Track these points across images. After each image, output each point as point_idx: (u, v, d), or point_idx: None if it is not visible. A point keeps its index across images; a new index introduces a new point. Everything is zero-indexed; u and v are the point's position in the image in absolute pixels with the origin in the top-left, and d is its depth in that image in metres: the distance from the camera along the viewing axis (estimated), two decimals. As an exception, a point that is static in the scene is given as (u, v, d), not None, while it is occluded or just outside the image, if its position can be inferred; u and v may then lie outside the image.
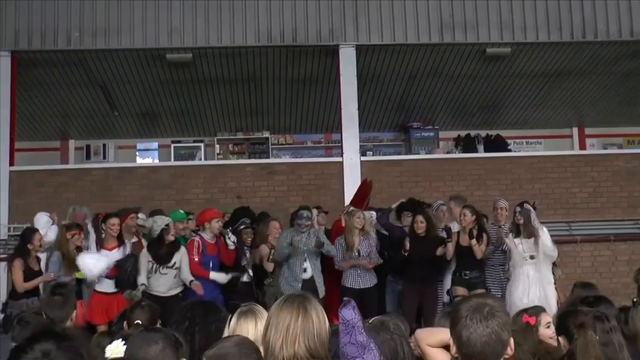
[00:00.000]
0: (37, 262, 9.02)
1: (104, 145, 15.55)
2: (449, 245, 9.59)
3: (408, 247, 9.47)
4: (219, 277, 9.27)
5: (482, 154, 14.46)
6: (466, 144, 15.63)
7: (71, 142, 16.08)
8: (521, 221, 9.29)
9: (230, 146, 15.98)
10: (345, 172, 12.03)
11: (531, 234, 9.21)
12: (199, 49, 12.15)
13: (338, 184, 12.09)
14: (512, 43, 12.41)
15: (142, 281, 8.92)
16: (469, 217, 9.56)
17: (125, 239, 9.39)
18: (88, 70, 12.74)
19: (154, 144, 16.17)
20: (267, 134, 15.89)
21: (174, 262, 9.09)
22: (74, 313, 5.29)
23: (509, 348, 2.86)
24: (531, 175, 12.58)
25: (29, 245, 8.90)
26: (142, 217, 9.99)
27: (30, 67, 12.40)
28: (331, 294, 9.40)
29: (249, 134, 15.99)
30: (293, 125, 15.87)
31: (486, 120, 15.95)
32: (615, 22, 12.33)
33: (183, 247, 9.24)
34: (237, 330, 3.69)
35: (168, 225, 9.13)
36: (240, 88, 13.79)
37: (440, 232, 9.96)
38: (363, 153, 13.09)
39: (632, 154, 13.47)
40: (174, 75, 13.06)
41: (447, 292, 9.85)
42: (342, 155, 12.29)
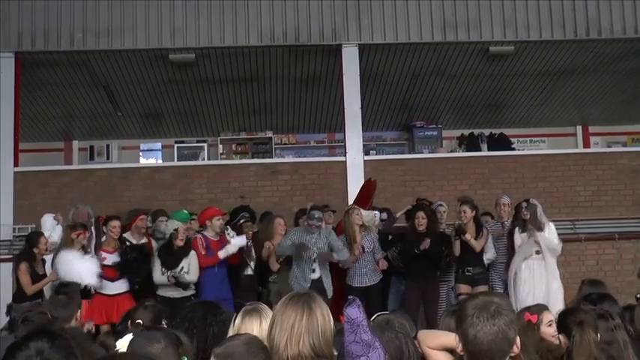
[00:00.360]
0: (42, 265, 9.04)
1: (108, 146, 15.57)
2: (457, 243, 9.66)
3: (427, 245, 9.43)
4: (231, 247, 9.27)
5: (485, 152, 14.43)
6: (469, 143, 15.61)
7: (75, 143, 16.10)
8: (528, 217, 9.29)
9: (233, 146, 15.96)
10: (349, 172, 12.00)
11: (539, 228, 9.21)
12: (202, 49, 12.14)
13: (341, 183, 12.06)
14: (515, 41, 12.38)
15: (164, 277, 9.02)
16: (469, 214, 9.65)
17: (134, 240, 9.40)
18: (91, 71, 12.74)
19: (157, 144, 16.18)
20: (270, 134, 15.88)
21: (181, 268, 9.08)
22: (79, 312, 5.29)
23: (515, 346, 2.86)
24: (535, 174, 12.55)
25: (35, 249, 8.95)
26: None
27: (33, 68, 12.40)
28: (340, 294, 9.40)
29: (252, 134, 15.98)
30: (296, 125, 15.86)
31: (490, 119, 15.93)
32: (619, 19, 12.30)
33: (192, 252, 9.22)
34: (242, 329, 3.68)
35: (177, 230, 9.13)
36: (243, 87, 13.79)
37: (446, 230, 10.03)
38: (366, 152, 13.07)
39: (637, 152, 13.41)
40: (177, 75, 13.05)
41: (452, 290, 9.89)
42: (345, 155, 12.26)
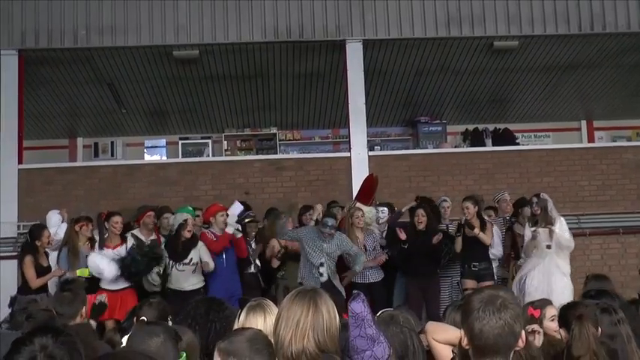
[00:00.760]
0: (46, 258, 9.07)
1: (112, 143, 15.56)
2: (458, 239, 9.66)
3: (402, 236, 9.44)
4: (231, 218, 9.34)
5: (490, 147, 14.41)
6: (474, 138, 15.60)
7: (79, 140, 16.09)
8: (539, 211, 9.27)
9: (238, 142, 15.97)
10: (353, 167, 11.98)
11: (549, 223, 9.19)
12: (206, 45, 12.13)
13: (346, 179, 12.05)
14: (519, 36, 12.35)
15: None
16: (472, 210, 9.66)
17: (143, 237, 9.42)
18: (95, 68, 12.74)
19: (161, 141, 16.20)
20: (274, 130, 15.88)
21: (190, 259, 9.09)
22: (84, 309, 5.29)
23: (520, 340, 2.85)
24: (540, 169, 12.54)
25: (37, 242, 9.00)
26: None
27: (37, 66, 12.41)
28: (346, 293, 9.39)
29: (256, 130, 15.99)
30: (300, 121, 15.85)
31: (494, 114, 15.91)
32: (624, 13, 12.26)
33: (200, 242, 9.23)
34: (247, 325, 3.69)
35: (186, 221, 9.13)
36: (248, 84, 13.78)
37: (450, 226, 10.04)
38: (370, 148, 13.03)
39: (641, 146, 13.41)
40: (181, 72, 13.05)
41: (457, 285, 9.89)
42: (349, 150, 12.26)
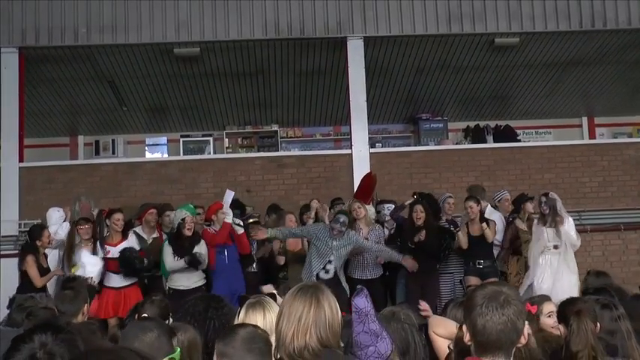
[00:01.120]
0: (45, 258, 9.10)
1: (113, 141, 15.56)
2: (459, 235, 9.69)
3: (423, 236, 9.46)
4: (225, 206, 9.37)
5: (491, 144, 14.42)
6: (475, 135, 15.60)
7: (80, 138, 16.12)
8: (547, 211, 9.24)
9: (239, 140, 16.00)
10: (355, 165, 11.98)
11: (558, 222, 9.18)
12: (207, 43, 12.12)
13: (347, 176, 12.05)
14: (520, 32, 12.34)
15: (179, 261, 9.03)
16: (475, 208, 9.69)
17: (145, 235, 9.42)
18: (95, 66, 12.74)
19: (162, 139, 16.21)
20: (276, 127, 15.90)
21: (194, 253, 9.12)
22: (85, 306, 5.30)
23: (522, 337, 2.85)
24: (541, 165, 12.54)
25: (38, 242, 9.04)
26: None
27: (38, 64, 12.40)
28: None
29: (258, 127, 16.00)
30: (302, 118, 15.86)
31: (495, 110, 15.91)
32: (624, 10, 12.24)
33: (202, 240, 9.26)
34: (247, 322, 3.69)
35: (184, 219, 9.14)
36: (249, 81, 13.77)
37: (446, 223, 10.07)
38: (372, 145, 13.06)
39: (643, 142, 13.41)
40: (182, 69, 13.05)
41: (460, 282, 9.89)
42: (351, 147, 12.25)
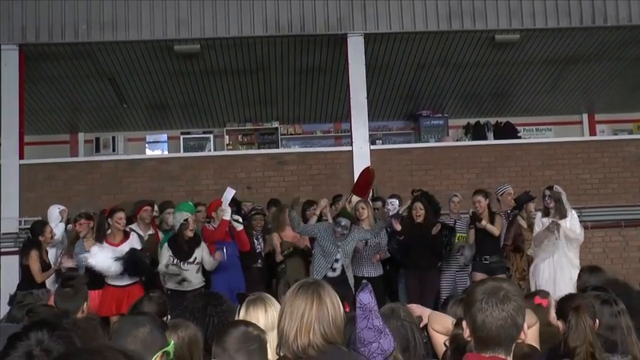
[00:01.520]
0: (46, 254, 9.13)
1: (113, 138, 15.54)
2: (471, 232, 9.78)
3: (398, 227, 9.46)
4: (226, 198, 9.38)
5: (492, 141, 14.38)
6: (476, 131, 15.58)
7: (80, 135, 16.12)
8: (552, 205, 9.23)
9: (239, 137, 15.97)
10: (355, 161, 11.97)
11: (563, 215, 9.17)
12: (207, 39, 12.11)
13: (348, 173, 12.04)
14: (521, 29, 12.33)
15: (163, 265, 9.01)
16: (484, 203, 9.75)
17: (141, 232, 9.42)
18: (96, 63, 12.73)
19: (163, 136, 16.19)
20: (276, 124, 15.88)
21: (194, 258, 9.10)
22: (85, 304, 5.30)
23: (522, 332, 2.84)
24: (541, 162, 12.54)
25: (40, 237, 9.12)
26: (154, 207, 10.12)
27: (38, 61, 12.40)
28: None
29: (258, 124, 15.99)
30: (302, 115, 15.84)
31: (496, 107, 15.90)
32: (625, 6, 12.23)
33: (203, 243, 9.25)
34: (247, 319, 3.70)
35: (187, 220, 9.12)
36: (249, 78, 13.77)
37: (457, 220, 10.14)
38: (372, 142, 13.07)
39: (643, 139, 13.39)
40: (182, 66, 13.04)
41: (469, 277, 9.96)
42: (351, 144, 12.25)
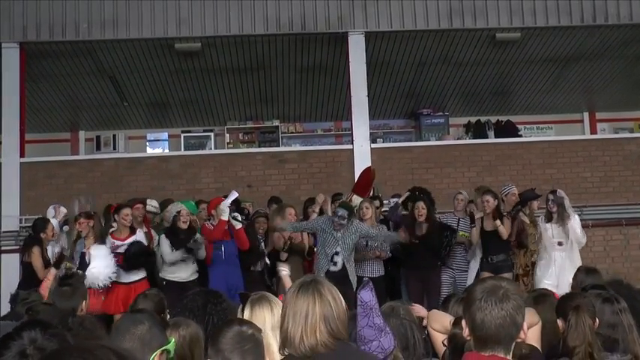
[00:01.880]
0: (47, 251, 9.18)
1: (114, 136, 15.55)
2: (473, 230, 9.75)
3: (404, 236, 9.51)
4: (225, 204, 9.29)
5: (492, 139, 14.38)
6: (476, 130, 15.58)
7: (81, 134, 16.11)
8: (554, 208, 9.26)
9: (240, 135, 15.98)
10: (356, 160, 11.96)
11: (565, 219, 9.20)
12: (208, 38, 12.10)
13: (348, 171, 12.03)
14: (521, 27, 12.31)
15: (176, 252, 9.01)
16: (492, 202, 9.68)
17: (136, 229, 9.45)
18: (96, 61, 12.73)
19: (163, 134, 16.19)
20: (277, 123, 15.88)
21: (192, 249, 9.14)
22: (83, 303, 5.30)
23: (522, 332, 2.84)
24: (542, 161, 12.53)
25: (42, 234, 9.18)
26: (155, 204, 10.10)
27: (39, 59, 12.39)
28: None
29: (259, 123, 15.99)
30: (303, 113, 15.84)
31: (497, 106, 15.88)
32: (626, 5, 12.21)
33: (198, 234, 9.26)
34: (253, 319, 3.68)
35: (179, 212, 9.14)
36: (250, 76, 13.76)
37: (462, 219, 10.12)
38: (373, 140, 13.06)
39: (644, 138, 13.38)
40: (183, 64, 13.04)
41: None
42: (352, 143, 12.23)
